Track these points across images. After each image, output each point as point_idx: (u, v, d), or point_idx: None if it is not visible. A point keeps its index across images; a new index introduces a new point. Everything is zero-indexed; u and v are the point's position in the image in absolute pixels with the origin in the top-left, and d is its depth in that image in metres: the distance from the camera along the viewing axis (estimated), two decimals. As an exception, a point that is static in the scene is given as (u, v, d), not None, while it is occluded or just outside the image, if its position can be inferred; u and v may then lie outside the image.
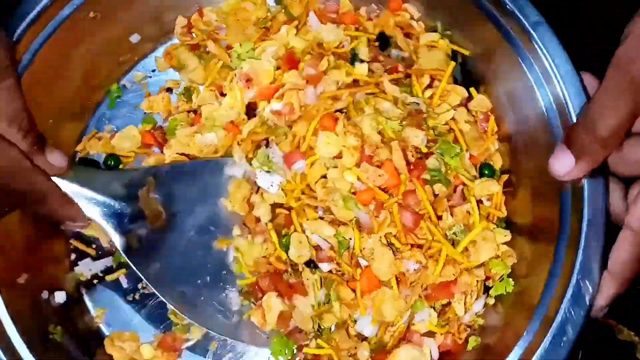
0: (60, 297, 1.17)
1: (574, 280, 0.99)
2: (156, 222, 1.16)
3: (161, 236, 1.17)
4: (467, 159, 1.20)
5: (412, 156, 1.15)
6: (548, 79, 1.09)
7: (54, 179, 1.05)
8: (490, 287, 1.17)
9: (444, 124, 1.21)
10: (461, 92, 1.24)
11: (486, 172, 1.21)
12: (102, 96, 1.33)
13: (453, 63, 1.24)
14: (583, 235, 1.00)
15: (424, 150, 1.16)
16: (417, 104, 1.19)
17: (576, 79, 1.07)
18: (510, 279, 1.15)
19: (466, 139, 1.22)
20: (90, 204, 1.10)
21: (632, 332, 1.28)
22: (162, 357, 1.17)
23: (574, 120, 1.05)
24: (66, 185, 1.07)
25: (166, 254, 1.17)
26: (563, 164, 0.95)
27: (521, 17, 1.11)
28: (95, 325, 1.22)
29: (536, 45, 1.09)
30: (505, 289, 1.15)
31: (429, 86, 1.25)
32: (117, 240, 1.12)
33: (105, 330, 1.22)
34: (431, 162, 1.15)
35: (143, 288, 1.23)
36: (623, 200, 1.02)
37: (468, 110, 1.25)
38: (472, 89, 1.26)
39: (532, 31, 1.10)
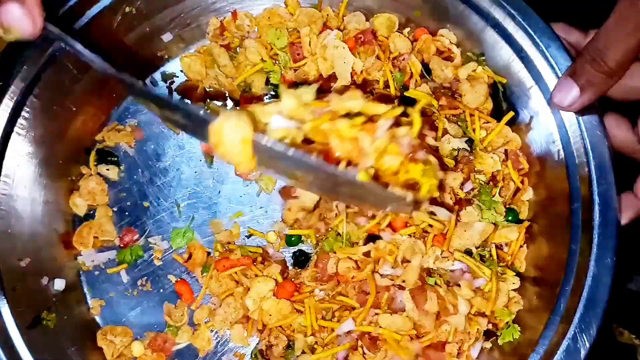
0: (59, 284, 1.18)
1: (570, 333, 0.97)
2: None
3: None
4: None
5: (451, 199, 1.14)
6: (571, 126, 1.08)
7: None
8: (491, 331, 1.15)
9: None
10: (513, 138, 1.21)
11: (510, 217, 1.18)
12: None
13: (512, 113, 1.20)
14: (586, 289, 0.98)
15: (462, 195, 1.15)
16: (467, 150, 1.17)
17: (599, 127, 1.06)
18: (517, 325, 1.12)
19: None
20: None
21: (632, 335, 1.25)
22: (151, 357, 1.18)
23: (593, 170, 1.04)
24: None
25: None
26: (567, 95, 1.00)
27: (553, 62, 1.09)
28: (90, 316, 1.22)
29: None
30: (512, 335, 1.11)
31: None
32: None
33: (99, 322, 1.22)
34: (469, 211, 1.14)
35: (142, 285, 1.24)
36: (631, 132, 1.04)
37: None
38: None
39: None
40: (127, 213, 1.27)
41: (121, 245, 1.25)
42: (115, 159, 1.29)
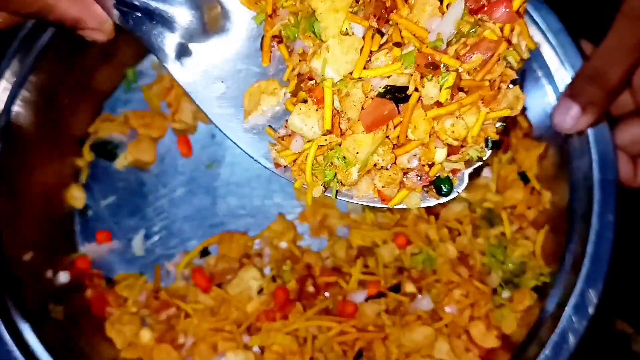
0: (64, 277, 1.18)
1: (578, 289, 0.98)
2: (214, 27, 0.83)
3: (218, 44, 0.83)
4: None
5: None
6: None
7: None
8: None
9: None
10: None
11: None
12: (119, 80, 1.32)
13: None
14: (590, 245, 1.00)
15: None
16: None
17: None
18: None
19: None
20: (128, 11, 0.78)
21: (625, 323, 1.27)
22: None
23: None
24: None
25: (221, 67, 0.84)
26: (568, 117, 0.97)
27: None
28: (97, 307, 1.22)
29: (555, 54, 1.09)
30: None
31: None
32: (170, 63, 0.81)
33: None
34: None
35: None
36: None
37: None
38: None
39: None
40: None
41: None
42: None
